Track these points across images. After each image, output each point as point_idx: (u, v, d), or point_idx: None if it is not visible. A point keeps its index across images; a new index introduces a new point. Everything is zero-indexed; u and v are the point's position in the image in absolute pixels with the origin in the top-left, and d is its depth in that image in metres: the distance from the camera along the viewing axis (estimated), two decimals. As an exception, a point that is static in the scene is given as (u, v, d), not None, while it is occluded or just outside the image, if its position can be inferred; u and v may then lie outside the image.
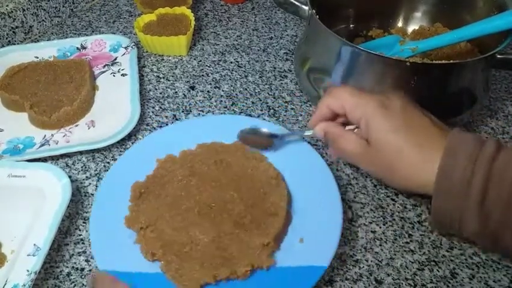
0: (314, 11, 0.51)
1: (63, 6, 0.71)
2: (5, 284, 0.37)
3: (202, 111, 0.57)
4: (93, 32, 0.70)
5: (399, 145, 0.37)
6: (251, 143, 0.48)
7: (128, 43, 0.63)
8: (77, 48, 0.63)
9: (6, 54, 0.61)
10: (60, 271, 0.42)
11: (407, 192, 0.41)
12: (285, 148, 0.49)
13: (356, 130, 0.43)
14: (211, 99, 0.59)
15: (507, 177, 0.33)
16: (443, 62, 0.47)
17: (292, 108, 0.58)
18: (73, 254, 0.43)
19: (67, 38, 0.68)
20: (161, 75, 0.62)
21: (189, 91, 0.60)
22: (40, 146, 0.51)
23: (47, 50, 0.62)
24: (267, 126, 0.49)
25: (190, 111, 0.57)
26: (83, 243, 0.43)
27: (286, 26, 0.72)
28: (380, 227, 0.45)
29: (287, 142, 0.49)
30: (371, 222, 0.46)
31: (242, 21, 0.73)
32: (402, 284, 0.41)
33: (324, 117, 0.43)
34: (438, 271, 0.42)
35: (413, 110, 0.39)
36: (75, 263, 0.42)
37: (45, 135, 0.52)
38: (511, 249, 0.35)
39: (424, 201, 0.48)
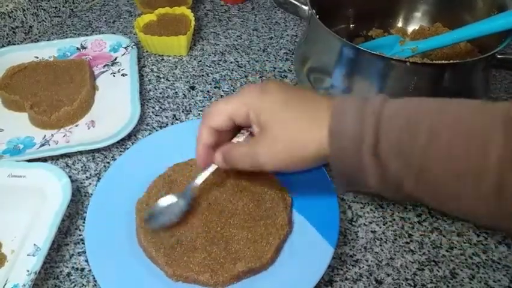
0: (314, 11, 0.51)
1: (63, 6, 0.71)
2: (5, 284, 0.37)
3: (202, 111, 0.57)
4: (93, 32, 0.70)
5: (290, 117, 0.36)
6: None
7: (128, 43, 0.63)
8: (77, 48, 0.63)
9: (6, 54, 0.61)
10: (61, 271, 0.42)
11: (309, 168, 0.39)
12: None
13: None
14: (211, 99, 0.59)
15: (395, 124, 0.33)
16: (443, 62, 0.47)
17: (292, 108, 0.58)
18: (73, 254, 0.43)
19: (66, 38, 0.68)
20: (161, 75, 0.62)
21: (189, 91, 0.60)
22: (40, 146, 0.51)
23: (47, 50, 0.62)
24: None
25: (190, 111, 0.57)
26: (83, 243, 0.43)
27: (286, 26, 0.72)
28: (380, 227, 0.46)
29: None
30: (371, 222, 0.46)
31: (242, 21, 0.73)
32: (402, 284, 0.41)
33: (208, 142, 0.40)
34: (438, 271, 0.42)
35: (292, 87, 0.39)
36: (75, 263, 0.42)
37: (45, 135, 0.52)
38: (413, 195, 0.35)
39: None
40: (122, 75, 0.60)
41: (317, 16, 0.50)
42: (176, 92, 0.60)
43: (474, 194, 0.30)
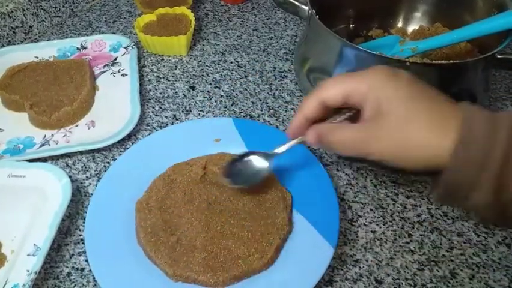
0: (314, 11, 0.51)
1: (63, 6, 0.71)
2: (5, 284, 0.37)
3: (202, 111, 0.57)
4: (93, 32, 0.70)
5: (414, 113, 0.35)
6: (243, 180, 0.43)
7: (128, 43, 0.63)
8: (77, 48, 0.63)
9: (6, 54, 0.61)
10: (61, 271, 0.42)
11: (419, 170, 0.37)
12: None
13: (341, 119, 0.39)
14: (211, 99, 0.59)
15: None
16: (443, 62, 0.47)
17: (292, 108, 0.58)
18: (73, 254, 0.43)
19: (67, 38, 0.68)
20: (161, 75, 0.62)
21: (189, 91, 0.60)
22: (40, 146, 0.51)
23: (47, 50, 0.62)
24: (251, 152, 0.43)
25: (190, 111, 0.57)
26: (83, 243, 0.43)
27: (286, 26, 0.72)
28: (380, 227, 0.46)
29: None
30: (371, 222, 0.46)
31: (242, 21, 0.73)
32: (402, 284, 0.41)
33: (310, 115, 0.39)
34: (438, 271, 0.42)
35: (420, 82, 0.37)
36: (75, 263, 0.42)
37: (45, 135, 0.52)
38: None
39: (424, 201, 0.48)
40: (122, 75, 0.60)
41: (317, 16, 0.50)
42: (176, 92, 0.60)
43: None
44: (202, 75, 0.62)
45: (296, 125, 0.39)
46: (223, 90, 0.60)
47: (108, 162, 0.51)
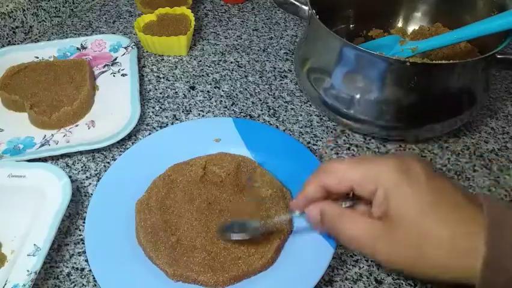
0: (314, 11, 0.51)
1: (63, 6, 0.71)
2: (5, 284, 0.37)
3: (202, 111, 0.57)
4: (93, 32, 0.70)
5: (431, 226, 0.31)
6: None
7: (128, 43, 0.63)
8: (77, 48, 0.63)
9: (6, 54, 0.61)
10: (61, 271, 0.42)
11: (436, 282, 0.36)
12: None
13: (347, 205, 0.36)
14: (211, 99, 0.59)
15: None
16: (443, 62, 0.47)
17: (292, 108, 0.58)
18: (73, 254, 0.43)
19: (67, 38, 0.68)
20: (161, 76, 0.62)
21: (189, 91, 0.60)
22: (40, 146, 0.51)
23: (47, 50, 0.62)
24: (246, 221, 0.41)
25: (190, 111, 0.57)
26: (83, 243, 0.43)
27: (286, 26, 0.72)
28: (380, 227, 0.45)
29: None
30: (371, 222, 0.46)
31: (242, 21, 0.73)
32: (402, 284, 0.41)
33: (312, 198, 0.36)
34: (438, 271, 0.42)
35: (439, 179, 0.33)
36: (75, 263, 0.42)
37: (45, 135, 0.52)
38: None
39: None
40: (122, 75, 0.60)
41: (317, 16, 0.50)
42: (176, 92, 0.60)
43: None
44: (202, 75, 0.62)
45: (299, 204, 0.38)
46: (223, 90, 0.60)
47: (108, 162, 0.51)
